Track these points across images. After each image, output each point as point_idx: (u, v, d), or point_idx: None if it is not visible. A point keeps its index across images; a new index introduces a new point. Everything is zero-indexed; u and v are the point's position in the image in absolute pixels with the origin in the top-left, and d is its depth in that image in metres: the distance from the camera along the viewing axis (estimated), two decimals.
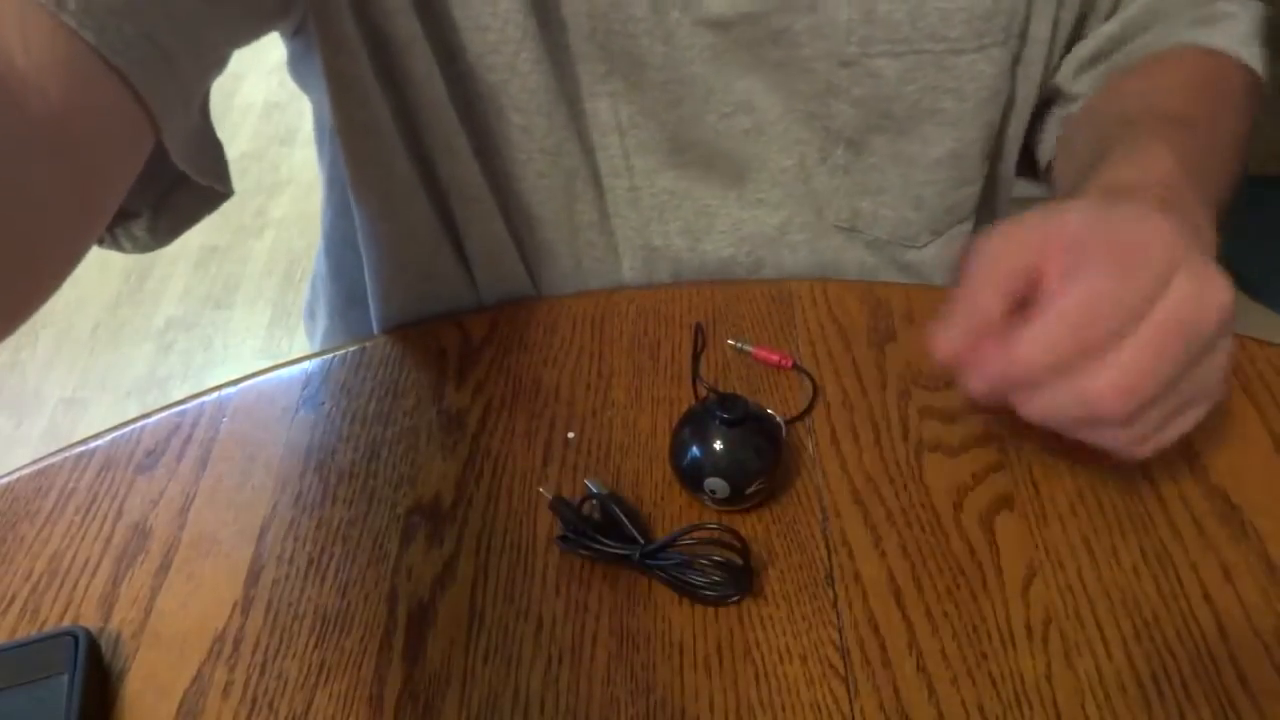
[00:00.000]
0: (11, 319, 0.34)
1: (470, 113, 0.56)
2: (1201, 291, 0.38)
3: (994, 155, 0.63)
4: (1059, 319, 0.38)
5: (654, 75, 0.56)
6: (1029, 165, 0.68)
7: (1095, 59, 0.62)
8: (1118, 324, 0.37)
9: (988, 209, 0.67)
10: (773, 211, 0.62)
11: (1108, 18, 0.62)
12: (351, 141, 0.56)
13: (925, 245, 0.64)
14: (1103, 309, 0.37)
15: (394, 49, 0.52)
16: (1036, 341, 0.38)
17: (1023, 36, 0.58)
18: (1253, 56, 0.59)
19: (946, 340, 0.41)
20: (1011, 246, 0.41)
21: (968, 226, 0.65)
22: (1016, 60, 0.58)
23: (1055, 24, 0.58)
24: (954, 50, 0.56)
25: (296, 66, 0.61)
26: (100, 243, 0.44)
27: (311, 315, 0.79)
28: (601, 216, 0.61)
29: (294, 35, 0.57)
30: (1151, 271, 0.38)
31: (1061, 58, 0.62)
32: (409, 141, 0.56)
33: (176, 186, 0.44)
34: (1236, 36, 0.59)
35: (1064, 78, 0.62)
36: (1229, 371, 0.41)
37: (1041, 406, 0.40)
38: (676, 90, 0.57)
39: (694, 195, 0.61)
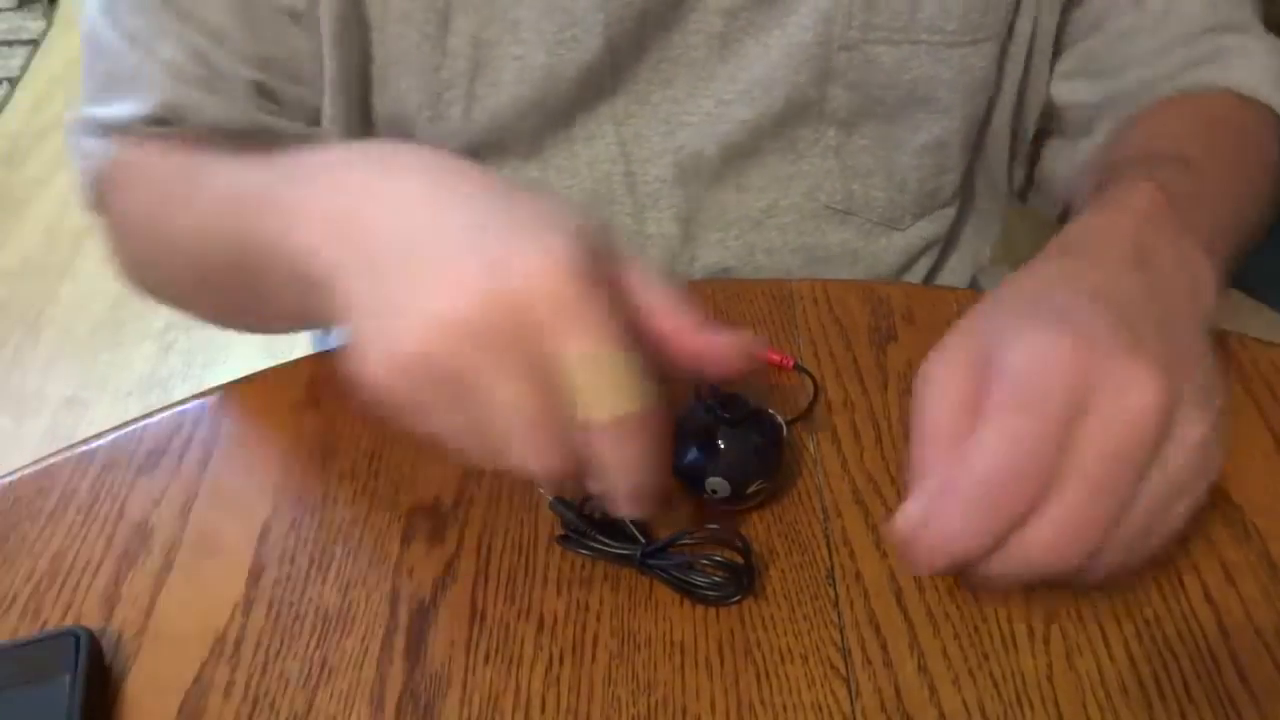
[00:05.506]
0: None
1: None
2: (1119, 399, 0.33)
3: (976, 145, 0.64)
4: (975, 484, 0.33)
5: (647, 57, 0.58)
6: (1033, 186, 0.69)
7: (1100, 106, 0.61)
8: (1037, 469, 0.33)
9: (968, 196, 0.68)
10: (759, 194, 0.63)
11: (1086, 34, 0.61)
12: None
13: (908, 227, 0.65)
14: (1014, 460, 0.33)
15: None
16: (958, 511, 0.34)
17: (1010, 31, 0.59)
18: (1271, 94, 0.56)
19: (894, 526, 0.36)
20: (949, 388, 0.37)
21: (951, 211, 0.66)
22: (1003, 54, 0.60)
23: (1035, 24, 0.59)
24: (949, 43, 0.58)
25: None
26: None
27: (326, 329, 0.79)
28: (598, 203, 0.62)
29: None
30: (1057, 400, 0.33)
31: (1049, 65, 0.62)
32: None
33: None
34: (1250, 72, 0.56)
35: (1058, 92, 0.63)
36: (1215, 447, 0.36)
37: (995, 573, 0.35)
38: (668, 71, 0.59)
39: (684, 182, 0.62)
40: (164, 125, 0.56)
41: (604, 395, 0.34)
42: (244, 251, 0.44)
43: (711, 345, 0.38)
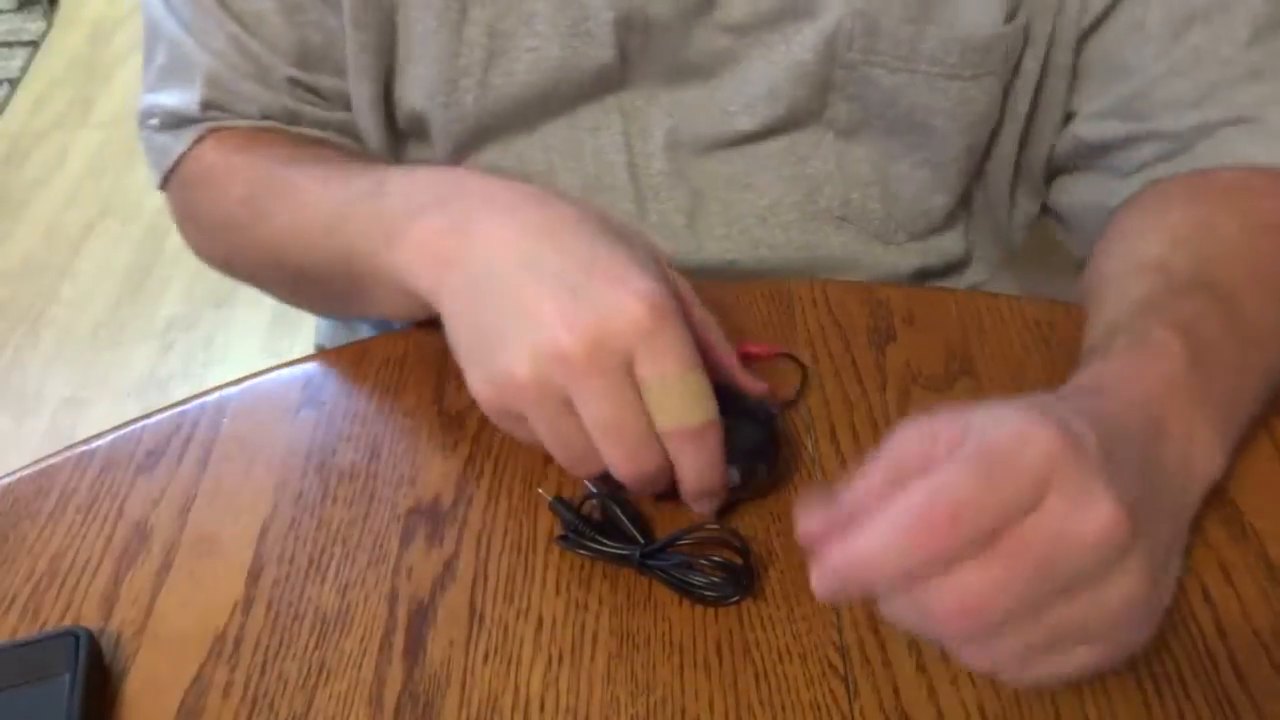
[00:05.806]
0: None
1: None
2: (1075, 509, 0.32)
3: (974, 174, 0.64)
4: (904, 516, 0.33)
5: (654, 65, 0.59)
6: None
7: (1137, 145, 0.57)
8: (969, 534, 0.32)
9: (964, 224, 0.68)
10: (763, 193, 0.63)
11: (1111, 75, 0.58)
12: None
13: (903, 243, 0.65)
14: (952, 513, 0.32)
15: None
16: (877, 540, 0.33)
17: (1016, 69, 0.58)
18: None
19: (806, 518, 0.35)
20: (911, 436, 0.36)
21: (947, 243, 0.66)
22: (1010, 89, 0.59)
23: (1045, 61, 0.58)
24: (949, 75, 0.58)
25: None
26: None
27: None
28: (600, 191, 0.63)
29: None
30: (1020, 481, 0.32)
31: (1064, 102, 0.60)
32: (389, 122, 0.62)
33: None
34: None
35: (1089, 132, 0.60)
36: (1144, 616, 0.35)
37: (888, 611, 0.35)
38: (675, 78, 0.60)
39: (688, 176, 0.63)
40: (217, 112, 0.59)
41: (681, 409, 0.41)
42: (349, 260, 0.51)
43: (746, 379, 0.48)
